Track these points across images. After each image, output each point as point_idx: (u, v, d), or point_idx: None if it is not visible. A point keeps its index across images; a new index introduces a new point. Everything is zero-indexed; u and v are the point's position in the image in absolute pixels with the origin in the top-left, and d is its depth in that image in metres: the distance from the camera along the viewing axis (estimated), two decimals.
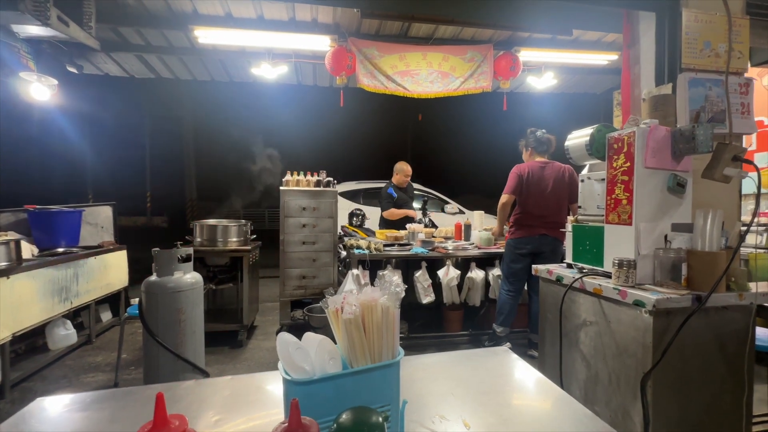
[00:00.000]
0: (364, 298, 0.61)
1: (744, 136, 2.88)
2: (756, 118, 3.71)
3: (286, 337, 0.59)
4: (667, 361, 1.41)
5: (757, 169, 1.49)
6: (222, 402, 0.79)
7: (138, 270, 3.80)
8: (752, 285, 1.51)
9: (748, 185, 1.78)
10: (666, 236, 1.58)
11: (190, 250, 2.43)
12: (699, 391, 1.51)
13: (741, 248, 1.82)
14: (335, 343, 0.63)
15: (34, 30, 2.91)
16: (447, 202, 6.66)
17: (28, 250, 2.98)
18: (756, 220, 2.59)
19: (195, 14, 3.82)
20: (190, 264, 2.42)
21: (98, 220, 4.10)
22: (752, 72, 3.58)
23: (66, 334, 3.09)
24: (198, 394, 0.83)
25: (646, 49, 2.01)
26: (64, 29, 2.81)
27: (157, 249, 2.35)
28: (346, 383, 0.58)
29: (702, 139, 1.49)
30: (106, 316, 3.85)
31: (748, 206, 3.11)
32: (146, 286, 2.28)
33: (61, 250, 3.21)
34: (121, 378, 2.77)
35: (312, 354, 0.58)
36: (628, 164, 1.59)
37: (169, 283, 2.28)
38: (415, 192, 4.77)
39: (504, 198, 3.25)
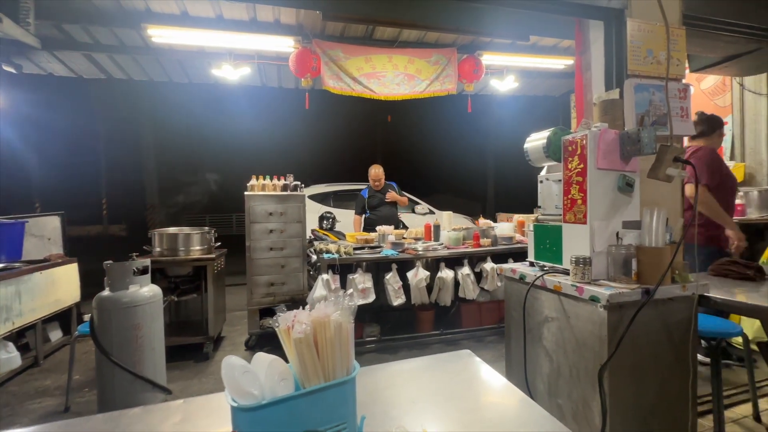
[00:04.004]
0: (316, 315, 0.60)
1: (685, 138, 3.11)
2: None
3: (232, 360, 0.56)
4: (622, 352, 1.49)
5: (694, 168, 1.60)
6: (171, 429, 0.74)
7: (94, 284, 3.55)
8: (693, 276, 1.63)
9: None
10: (618, 233, 1.67)
11: (147, 262, 2.30)
12: (651, 377, 1.60)
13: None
14: (288, 362, 0.61)
15: None
16: (417, 203, 6.73)
17: None
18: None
19: (148, 12, 3.63)
20: (148, 276, 2.29)
21: (44, 232, 3.80)
22: (691, 77, 3.88)
23: (8, 358, 2.83)
24: (146, 421, 0.77)
25: (596, 56, 2.12)
26: None
27: (110, 262, 2.20)
28: (297, 405, 0.56)
29: (647, 141, 1.59)
30: (56, 335, 3.57)
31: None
32: (98, 302, 2.14)
33: (0, 265, 2.95)
34: (73, 402, 2.57)
35: (262, 376, 0.56)
36: (582, 166, 1.66)
37: (124, 297, 2.14)
38: (402, 195, 4.70)
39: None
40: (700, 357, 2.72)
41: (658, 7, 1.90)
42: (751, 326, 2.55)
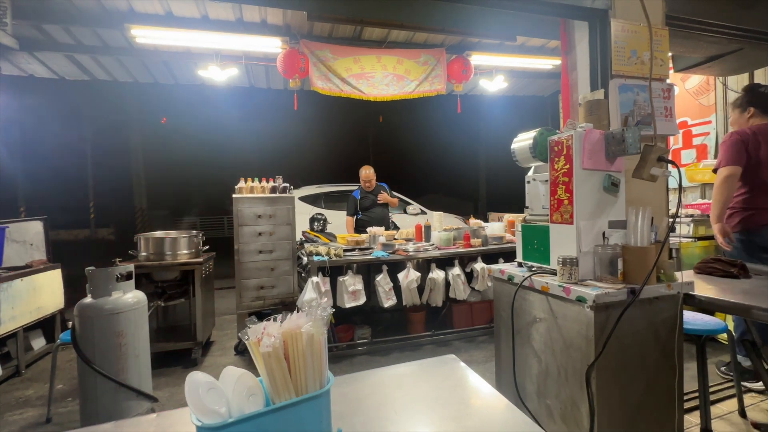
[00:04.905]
0: (287, 327, 0.58)
1: (671, 137, 3.13)
2: (680, 119, 4.08)
3: (196, 377, 0.53)
4: (608, 352, 1.49)
5: (678, 167, 1.61)
6: None
7: (81, 289, 3.46)
8: (678, 275, 1.64)
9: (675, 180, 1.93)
10: (604, 233, 1.67)
11: (131, 267, 2.25)
12: (637, 376, 1.61)
13: (671, 238, 1.96)
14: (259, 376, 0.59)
15: None
16: (409, 203, 6.72)
17: None
18: (681, 212, 2.82)
19: (131, 12, 3.56)
20: (131, 282, 2.24)
21: (26, 237, 3.71)
22: (676, 77, 3.93)
23: None
24: None
25: (582, 56, 2.12)
26: None
27: (92, 268, 2.15)
28: (266, 422, 0.54)
29: (631, 141, 1.59)
30: (39, 343, 3.48)
31: (677, 200, 3.40)
32: (79, 309, 2.09)
33: None
34: (55, 412, 2.51)
35: (229, 393, 0.54)
36: (568, 166, 1.66)
37: (106, 304, 2.10)
38: (393, 195, 4.73)
39: (726, 171, 2.34)
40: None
41: (641, 7, 1.91)
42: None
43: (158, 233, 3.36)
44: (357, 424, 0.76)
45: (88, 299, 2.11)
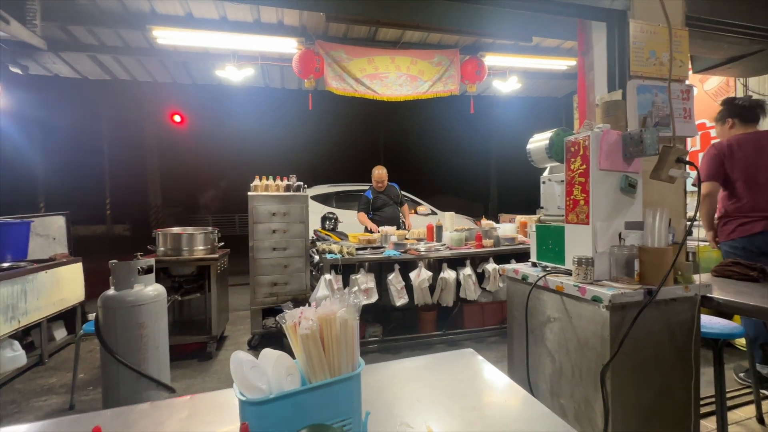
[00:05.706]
0: (322, 312, 0.61)
1: (688, 139, 3.09)
2: (698, 121, 4.01)
3: (240, 356, 0.57)
4: (624, 353, 1.49)
5: (698, 170, 1.60)
6: (178, 425, 0.75)
7: (97, 283, 3.58)
8: (696, 277, 1.63)
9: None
10: (620, 234, 1.67)
11: (152, 261, 2.32)
12: (652, 378, 1.60)
13: (687, 241, 1.95)
14: (294, 358, 0.62)
15: None
16: (419, 204, 6.73)
17: None
18: (698, 215, 2.79)
19: (153, 14, 3.66)
20: (152, 275, 2.31)
21: (50, 231, 3.84)
22: (694, 78, 3.87)
23: (13, 356, 2.86)
24: (153, 417, 0.79)
25: (599, 57, 2.12)
26: (3, 27, 2.61)
27: (115, 261, 2.23)
28: (304, 400, 0.57)
29: (649, 142, 1.59)
30: (61, 333, 3.60)
31: (695, 202, 3.35)
32: (103, 301, 2.16)
33: (6, 264, 2.97)
34: (78, 400, 2.60)
35: (269, 371, 0.57)
36: (584, 166, 1.67)
37: (129, 296, 2.16)
38: (403, 196, 4.81)
39: (706, 188, 2.47)
40: None
41: (660, 8, 1.90)
42: None
43: (176, 229, 3.45)
44: (381, 410, 0.79)
45: (111, 291, 2.18)
